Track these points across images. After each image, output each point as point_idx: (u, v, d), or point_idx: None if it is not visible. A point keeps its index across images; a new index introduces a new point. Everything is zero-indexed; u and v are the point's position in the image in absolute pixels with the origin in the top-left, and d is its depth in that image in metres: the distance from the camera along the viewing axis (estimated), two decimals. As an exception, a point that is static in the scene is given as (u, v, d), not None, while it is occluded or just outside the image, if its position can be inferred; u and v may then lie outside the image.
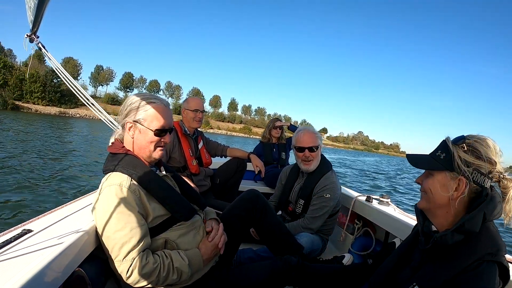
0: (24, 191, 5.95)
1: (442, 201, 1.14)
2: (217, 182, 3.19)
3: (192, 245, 1.53)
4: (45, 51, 2.24)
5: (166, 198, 1.46)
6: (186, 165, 2.85)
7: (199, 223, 1.61)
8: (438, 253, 1.15)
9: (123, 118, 1.50)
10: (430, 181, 1.17)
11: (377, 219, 2.38)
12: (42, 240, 1.20)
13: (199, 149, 3.02)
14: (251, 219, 1.98)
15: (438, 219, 1.19)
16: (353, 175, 20.92)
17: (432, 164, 1.16)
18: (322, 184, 2.39)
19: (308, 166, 2.45)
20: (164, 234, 1.46)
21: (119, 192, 1.34)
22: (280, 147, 4.35)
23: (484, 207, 1.07)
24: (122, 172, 1.41)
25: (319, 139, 2.45)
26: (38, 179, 6.99)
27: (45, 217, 1.47)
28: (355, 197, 2.70)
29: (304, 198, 2.46)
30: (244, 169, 3.34)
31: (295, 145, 2.48)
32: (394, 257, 1.40)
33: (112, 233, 1.30)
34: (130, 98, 1.53)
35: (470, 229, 1.06)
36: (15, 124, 24.54)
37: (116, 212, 1.31)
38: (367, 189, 14.81)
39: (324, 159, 2.54)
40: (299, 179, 2.62)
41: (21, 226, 1.32)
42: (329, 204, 2.36)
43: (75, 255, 1.23)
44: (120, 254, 1.30)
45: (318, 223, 2.36)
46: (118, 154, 1.47)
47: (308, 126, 2.65)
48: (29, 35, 2.15)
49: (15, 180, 6.60)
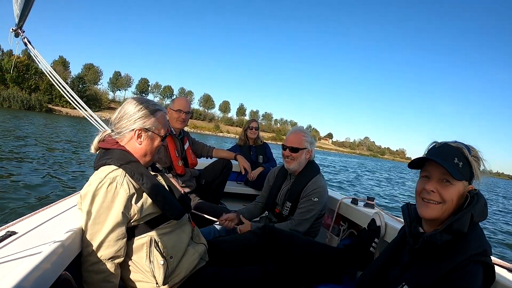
0: (17, 190, 5.71)
1: (453, 209, 1.13)
2: (203, 183, 3.08)
3: (176, 244, 1.48)
4: (30, 47, 2.17)
5: (158, 196, 1.40)
6: (172, 166, 2.74)
7: (184, 222, 1.58)
8: (426, 253, 1.14)
9: (129, 124, 1.44)
10: (451, 190, 1.12)
11: (363, 221, 2.30)
12: (27, 242, 1.14)
13: (185, 150, 2.92)
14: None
15: (432, 223, 1.18)
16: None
17: (455, 173, 1.09)
18: (310, 187, 2.29)
19: (289, 165, 2.37)
20: (150, 232, 1.40)
21: (110, 186, 1.29)
22: (257, 149, 4.10)
23: (471, 208, 1.08)
24: (116, 165, 1.35)
25: (306, 143, 2.34)
26: (32, 177, 6.76)
27: (30, 218, 1.38)
28: (340, 199, 2.63)
29: (291, 201, 2.36)
30: (229, 170, 3.22)
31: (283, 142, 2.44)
32: (382, 257, 1.38)
33: (90, 225, 1.28)
34: (131, 105, 1.47)
35: (459, 229, 1.06)
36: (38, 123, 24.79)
37: (100, 207, 1.27)
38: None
39: (313, 163, 2.44)
40: (286, 181, 2.51)
41: (5, 228, 1.23)
42: (317, 208, 2.27)
43: (61, 258, 1.16)
44: (89, 249, 1.28)
45: (305, 226, 2.27)
46: (111, 150, 1.42)
47: (302, 128, 2.52)
48: (15, 30, 2.05)
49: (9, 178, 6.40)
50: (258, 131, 4.12)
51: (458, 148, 1.14)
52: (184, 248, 1.51)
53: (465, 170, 1.12)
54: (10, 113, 41.49)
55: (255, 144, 4.10)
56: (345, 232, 2.56)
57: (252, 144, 4.09)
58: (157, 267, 1.39)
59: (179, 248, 1.48)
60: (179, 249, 1.48)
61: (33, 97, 69.43)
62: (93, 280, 1.29)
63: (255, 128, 4.06)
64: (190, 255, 1.52)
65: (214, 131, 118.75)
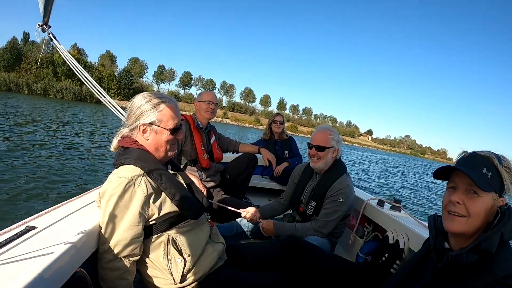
0: (41, 180, 5.82)
1: (481, 224, 1.03)
2: (227, 178, 3.05)
3: (194, 242, 1.45)
4: (56, 42, 2.23)
5: (177, 196, 1.37)
6: (197, 159, 2.73)
7: (203, 221, 1.55)
8: (450, 272, 1.05)
9: (134, 120, 1.42)
10: (479, 203, 1.02)
11: (387, 225, 2.20)
12: (45, 238, 1.15)
13: (211, 144, 2.89)
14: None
15: (458, 238, 1.08)
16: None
17: (483, 183, 1.00)
18: (336, 187, 2.20)
19: (314, 164, 2.28)
20: (168, 231, 1.39)
21: (127, 186, 1.28)
22: (283, 144, 3.94)
23: (502, 226, 0.98)
24: (135, 165, 1.33)
25: (333, 141, 2.24)
26: (57, 169, 6.89)
27: (50, 214, 1.40)
28: (366, 201, 2.51)
29: (316, 200, 2.27)
30: (255, 164, 3.15)
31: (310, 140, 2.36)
32: (403, 271, 1.28)
33: (107, 223, 1.27)
34: (137, 99, 1.44)
35: (487, 249, 0.96)
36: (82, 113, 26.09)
37: (117, 206, 1.27)
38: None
39: (340, 162, 2.34)
40: (312, 179, 2.43)
41: (25, 222, 1.25)
42: (342, 209, 2.18)
43: (77, 255, 1.17)
44: (105, 246, 1.28)
45: (329, 227, 2.19)
46: (130, 149, 1.40)
47: (328, 126, 2.41)
48: (41, 25, 2.13)
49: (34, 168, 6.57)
50: (284, 125, 3.96)
51: (488, 157, 1.05)
52: (202, 247, 1.49)
53: (495, 181, 1.03)
54: (63, 103, 44.29)
55: (280, 138, 3.96)
56: (369, 234, 2.46)
57: (277, 139, 3.96)
58: (175, 265, 1.38)
59: (197, 246, 1.46)
60: (197, 248, 1.45)
61: (84, 89, 73.22)
62: (108, 277, 1.30)
63: (280, 122, 3.91)
64: (209, 254, 1.50)
65: (255, 124, 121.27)
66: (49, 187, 5.62)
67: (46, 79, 74.43)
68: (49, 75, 76.89)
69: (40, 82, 71.89)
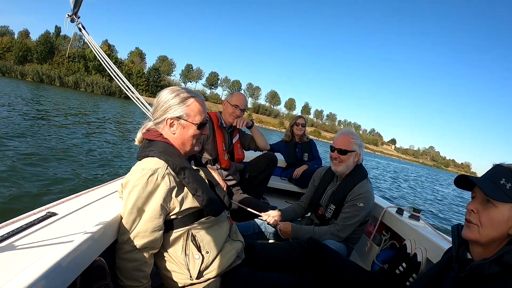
0: (62, 165, 6.00)
1: (498, 235, 1.01)
2: (246, 177, 3.02)
3: (214, 239, 1.45)
4: (85, 32, 2.26)
5: (199, 191, 1.37)
6: (217, 159, 2.71)
7: (223, 218, 1.55)
8: (472, 283, 1.04)
9: (161, 114, 1.42)
10: (494, 213, 1.01)
11: (406, 233, 2.15)
12: (65, 225, 1.16)
13: (232, 143, 2.86)
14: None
15: (479, 249, 1.07)
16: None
17: (498, 193, 1.00)
18: (356, 192, 2.18)
19: (336, 167, 2.27)
20: (188, 226, 1.39)
21: (150, 178, 1.27)
22: (303, 146, 3.91)
23: None
24: (159, 158, 1.33)
25: (355, 145, 2.23)
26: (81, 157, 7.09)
27: (71, 201, 1.41)
28: (385, 208, 2.46)
29: (335, 204, 2.26)
30: (274, 166, 3.10)
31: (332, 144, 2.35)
32: (423, 280, 1.28)
33: (128, 214, 1.28)
34: (164, 93, 1.45)
35: (508, 262, 0.95)
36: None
37: (139, 198, 1.26)
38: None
39: (361, 166, 2.32)
40: (332, 182, 2.41)
41: (46, 208, 1.26)
42: (362, 214, 2.15)
43: (96, 244, 1.18)
44: (124, 237, 1.29)
45: (347, 231, 2.17)
46: (155, 141, 1.40)
47: (351, 130, 2.40)
48: (70, 15, 2.16)
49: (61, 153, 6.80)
50: (305, 128, 3.96)
51: (509, 168, 1.04)
52: (221, 244, 1.48)
53: None
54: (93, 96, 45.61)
55: (301, 141, 3.95)
56: (387, 242, 2.41)
57: (298, 141, 3.94)
58: (192, 261, 1.37)
59: (216, 243, 1.45)
60: (216, 245, 1.44)
61: (113, 84, 75.43)
62: (126, 268, 1.30)
63: (302, 125, 3.89)
64: (227, 252, 1.48)
65: (279, 127, 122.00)
66: (74, 173, 5.78)
67: (78, 73, 77.27)
68: (80, 69, 79.80)
69: (71, 75, 74.68)
